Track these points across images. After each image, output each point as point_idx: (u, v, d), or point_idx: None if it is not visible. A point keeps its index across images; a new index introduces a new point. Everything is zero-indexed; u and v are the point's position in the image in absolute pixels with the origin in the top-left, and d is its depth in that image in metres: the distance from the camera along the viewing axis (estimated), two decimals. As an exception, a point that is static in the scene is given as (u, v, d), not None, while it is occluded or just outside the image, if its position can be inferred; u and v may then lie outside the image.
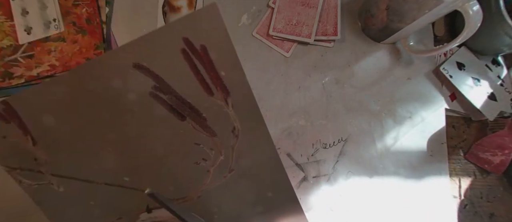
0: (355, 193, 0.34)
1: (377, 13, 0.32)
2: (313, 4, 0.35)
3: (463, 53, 0.37)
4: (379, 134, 0.35)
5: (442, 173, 0.36)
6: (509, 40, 0.32)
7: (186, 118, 0.21)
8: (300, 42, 0.35)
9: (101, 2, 0.34)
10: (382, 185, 0.35)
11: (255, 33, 0.35)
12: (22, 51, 0.32)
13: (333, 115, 0.35)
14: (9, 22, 0.32)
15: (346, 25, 0.36)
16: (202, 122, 0.21)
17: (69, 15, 0.33)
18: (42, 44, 0.32)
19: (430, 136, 0.36)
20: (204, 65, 0.19)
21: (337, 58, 0.36)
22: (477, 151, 0.36)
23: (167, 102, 0.20)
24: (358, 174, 0.34)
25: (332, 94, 0.35)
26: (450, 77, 0.35)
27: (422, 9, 0.27)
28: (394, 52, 0.37)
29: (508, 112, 0.36)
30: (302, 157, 0.34)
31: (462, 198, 0.36)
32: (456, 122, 0.37)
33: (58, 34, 0.33)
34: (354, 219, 0.34)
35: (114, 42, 0.34)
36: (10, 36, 0.32)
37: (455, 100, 0.37)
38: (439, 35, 0.38)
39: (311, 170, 0.34)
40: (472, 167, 0.37)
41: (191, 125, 0.21)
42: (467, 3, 0.26)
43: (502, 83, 0.37)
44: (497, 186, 0.37)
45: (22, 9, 0.32)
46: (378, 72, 0.36)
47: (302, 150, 0.34)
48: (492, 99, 0.36)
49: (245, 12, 0.36)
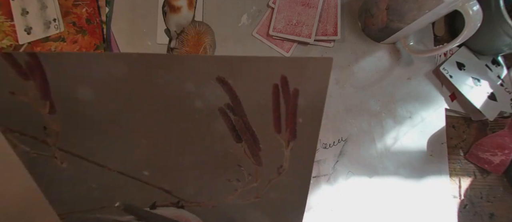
0: (355, 193, 0.34)
1: (377, 13, 0.32)
2: (313, 4, 0.35)
3: (463, 53, 0.37)
4: (379, 134, 0.35)
5: (442, 173, 0.36)
6: (509, 40, 0.32)
7: (242, 142, 0.20)
8: (300, 42, 0.35)
9: (101, 2, 0.34)
10: (382, 185, 0.35)
11: (255, 33, 0.35)
12: (22, 51, 0.32)
13: (333, 115, 0.35)
14: (9, 22, 0.32)
15: (346, 25, 0.36)
16: (255, 151, 0.21)
17: (69, 15, 0.33)
18: (42, 44, 0.32)
19: (430, 136, 0.36)
20: (288, 106, 0.19)
21: (337, 58, 0.36)
22: (477, 151, 0.36)
23: (232, 123, 0.19)
24: (358, 174, 0.34)
25: (332, 94, 0.35)
26: (450, 77, 0.35)
27: (422, 9, 0.27)
28: (394, 52, 0.37)
29: (508, 112, 0.36)
30: (302, 157, 0.34)
31: (462, 198, 0.36)
32: (456, 122, 0.37)
33: (58, 34, 0.33)
34: (354, 219, 0.34)
35: (114, 42, 0.34)
36: (10, 36, 0.32)
37: (455, 100, 0.37)
38: (439, 35, 0.38)
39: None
40: (472, 167, 0.37)
41: (243, 149, 0.21)
42: (467, 3, 0.26)
43: (502, 83, 0.37)
44: (497, 186, 0.37)
45: (22, 9, 0.32)
46: (378, 72, 0.36)
47: (302, 150, 0.34)
48: (492, 99, 0.36)
49: (245, 12, 0.36)
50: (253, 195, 0.24)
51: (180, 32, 0.35)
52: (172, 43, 0.34)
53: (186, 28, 0.35)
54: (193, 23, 0.35)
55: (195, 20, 0.35)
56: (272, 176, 0.22)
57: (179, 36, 0.35)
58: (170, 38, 0.35)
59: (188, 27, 0.35)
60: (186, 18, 0.35)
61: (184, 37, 0.35)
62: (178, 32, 0.35)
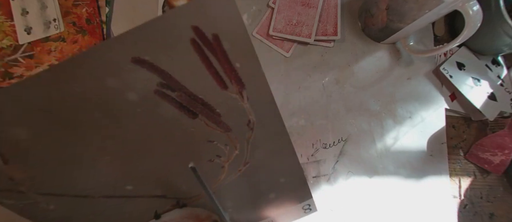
0: (355, 193, 0.34)
1: (377, 13, 0.32)
2: (313, 4, 0.35)
3: (463, 53, 0.37)
4: (379, 134, 0.35)
5: (442, 173, 0.36)
6: (509, 40, 0.32)
7: (198, 115, 0.19)
8: (300, 42, 0.35)
9: (101, 2, 0.34)
10: (382, 185, 0.35)
11: (255, 33, 0.35)
12: (22, 51, 0.32)
13: (333, 115, 0.35)
14: (9, 22, 0.32)
15: (346, 25, 0.36)
16: (216, 118, 0.19)
17: (69, 15, 0.33)
18: (42, 44, 0.32)
19: (430, 136, 0.36)
20: (217, 56, 0.17)
21: (337, 58, 0.36)
22: (477, 151, 0.36)
23: (176, 100, 0.17)
24: (358, 174, 0.34)
25: (332, 94, 0.35)
26: (450, 77, 0.35)
27: (422, 9, 0.27)
28: (394, 52, 0.37)
29: (508, 112, 0.36)
30: (302, 157, 0.34)
31: (462, 198, 0.36)
32: (456, 122, 0.37)
33: (58, 34, 0.33)
34: (354, 219, 0.34)
35: (114, 42, 0.34)
36: (10, 36, 0.32)
37: (455, 100, 0.37)
38: (439, 35, 0.38)
39: (311, 170, 0.34)
40: (472, 167, 0.37)
41: (204, 122, 0.19)
42: (467, 3, 0.26)
43: (502, 83, 0.37)
44: (497, 186, 0.37)
45: (22, 9, 0.32)
46: (378, 72, 0.36)
47: (302, 150, 0.34)
48: (492, 99, 0.36)
49: (245, 12, 0.36)
50: (241, 163, 0.23)
51: (180, 32, 0.35)
52: (172, 43, 0.34)
53: (186, 28, 0.35)
54: (193, 23, 0.35)
55: (195, 20, 0.35)
56: (247, 135, 0.21)
57: (179, 36, 0.35)
58: (170, 38, 0.35)
59: (188, 27, 0.35)
60: (186, 18, 0.35)
61: (184, 37, 0.35)
62: (178, 32, 0.35)
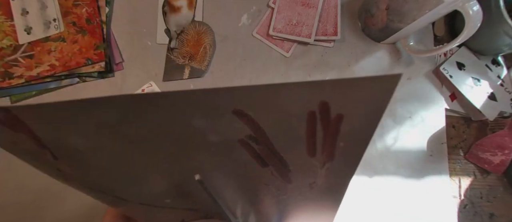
0: (355, 193, 0.34)
1: (377, 13, 0.32)
2: (313, 4, 0.35)
3: (463, 53, 0.37)
4: (379, 134, 0.35)
5: (442, 173, 0.36)
6: (509, 40, 0.32)
7: (269, 166, 0.17)
8: (300, 42, 0.35)
9: (101, 2, 0.34)
10: (382, 185, 0.35)
11: (255, 33, 0.35)
12: (22, 51, 0.32)
13: (333, 115, 0.35)
14: (9, 22, 0.32)
15: (346, 25, 0.36)
16: (284, 173, 0.18)
17: (69, 15, 0.33)
18: (42, 44, 0.32)
19: (430, 136, 0.36)
20: (327, 132, 0.14)
21: (337, 58, 0.36)
22: (477, 151, 0.36)
23: (256, 151, 0.16)
24: (358, 174, 0.34)
25: (332, 94, 0.35)
26: (450, 77, 0.35)
27: (422, 9, 0.27)
28: (394, 52, 0.37)
29: (508, 112, 0.36)
30: (302, 157, 0.34)
31: (462, 198, 0.36)
32: (456, 122, 0.37)
33: (58, 34, 0.33)
34: (354, 219, 0.34)
35: (114, 42, 0.34)
36: (10, 36, 0.32)
37: (455, 100, 0.37)
38: (439, 35, 0.38)
39: (311, 170, 0.34)
40: (472, 167, 0.37)
41: (270, 172, 0.18)
42: (467, 3, 0.26)
43: (502, 83, 0.37)
44: (497, 186, 0.37)
45: (22, 9, 0.32)
46: (378, 72, 0.36)
47: (302, 150, 0.34)
48: (492, 99, 0.36)
49: (245, 12, 0.36)
50: (282, 205, 0.22)
51: (180, 32, 0.35)
52: (172, 43, 0.34)
53: (186, 28, 0.35)
54: (193, 23, 0.35)
55: (195, 20, 0.35)
56: (303, 189, 0.20)
57: (179, 36, 0.35)
58: (170, 38, 0.35)
59: (188, 27, 0.35)
60: (186, 18, 0.35)
61: (184, 37, 0.35)
62: (178, 32, 0.35)
